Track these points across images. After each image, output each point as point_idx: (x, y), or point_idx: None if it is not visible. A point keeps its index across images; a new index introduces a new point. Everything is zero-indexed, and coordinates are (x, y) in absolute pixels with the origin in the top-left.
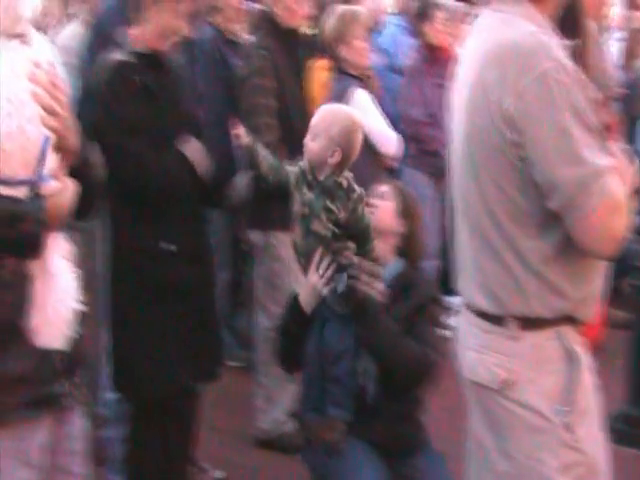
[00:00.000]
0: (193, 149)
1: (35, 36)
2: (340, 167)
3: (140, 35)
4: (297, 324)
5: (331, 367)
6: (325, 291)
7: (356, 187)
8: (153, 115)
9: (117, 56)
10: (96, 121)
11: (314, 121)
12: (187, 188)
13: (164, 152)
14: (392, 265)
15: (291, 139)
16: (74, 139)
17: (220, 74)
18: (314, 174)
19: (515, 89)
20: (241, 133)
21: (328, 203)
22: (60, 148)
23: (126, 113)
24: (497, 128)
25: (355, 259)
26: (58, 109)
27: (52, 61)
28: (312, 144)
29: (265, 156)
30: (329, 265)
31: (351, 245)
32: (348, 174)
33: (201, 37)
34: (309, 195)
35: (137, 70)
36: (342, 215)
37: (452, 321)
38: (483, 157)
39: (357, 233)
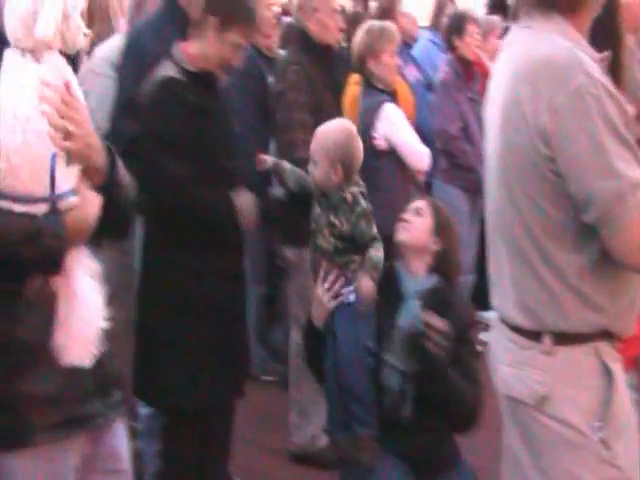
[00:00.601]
0: (244, 200)
1: (51, 54)
2: (347, 178)
3: (197, 54)
4: (311, 339)
5: (348, 384)
6: (332, 304)
7: (362, 201)
8: (204, 137)
9: (169, 72)
10: (139, 138)
11: (312, 148)
12: (227, 229)
13: (212, 187)
14: (427, 280)
15: None
16: (97, 158)
17: (255, 89)
18: (322, 191)
19: (550, 104)
20: (263, 160)
21: (332, 218)
22: (81, 165)
23: (175, 132)
24: (532, 143)
25: (425, 316)
26: (72, 128)
27: (68, 80)
28: (315, 171)
29: (291, 171)
30: (335, 279)
31: (356, 259)
32: (356, 188)
33: None
34: (316, 210)
35: (190, 89)
36: (345, 228)
37: (484, 336)
38: (518, 172)
39: (362, 246)
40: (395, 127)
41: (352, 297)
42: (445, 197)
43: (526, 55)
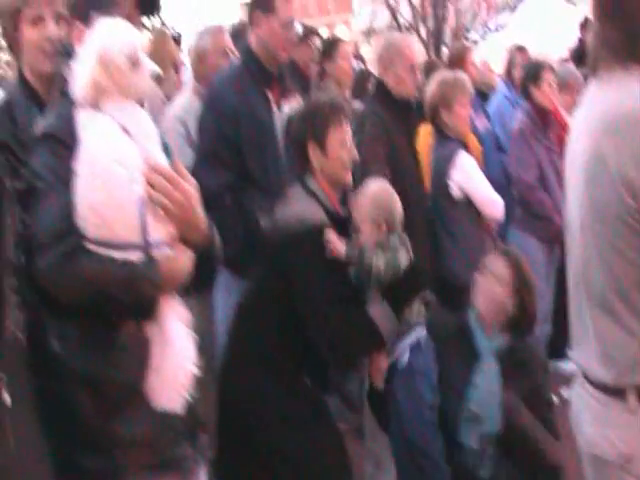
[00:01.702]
0: (378, 312)
1: (118, 104)
2: (391, 229)
3: (320, 173)
4: (373, 399)
5: (413, 438)
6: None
7: (397, 245)
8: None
9: (314, 218)
10: (222, 191)
11: (353, 218)
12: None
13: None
14: (503, 339)
15: (403, 204)
16: (199, 231)
17: None
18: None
19: (635, 157)
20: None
21: (374, 260)
22: (181, 234)
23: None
24: (617, 196)
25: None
26: (172, 207)
27: (177, 161)
28: (361, 237)
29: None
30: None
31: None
32: (395, 237)
33: None
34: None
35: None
36: (382, 270)
37: (565, 392)
38: (604, 226)
39: (399, 284)
40: (469, 175)
41: (406, 357)
42: (521, 247)
43: (608, 110)
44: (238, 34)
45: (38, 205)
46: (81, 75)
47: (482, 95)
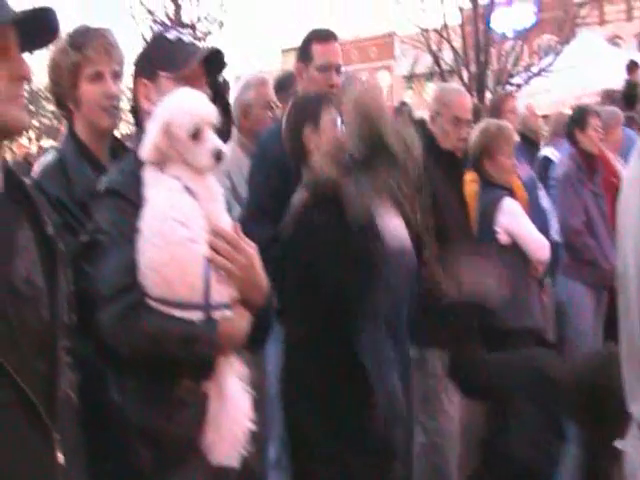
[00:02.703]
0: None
1: (182, 168)
2: None
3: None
4: None
5: None
6: None
7: None
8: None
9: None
10: (272, 244)
11: None
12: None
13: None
14: None
15: (450, 252)
16: (260, 292)
17: None
18: None
19: None
20: None
21: None
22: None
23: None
24: None
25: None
26: (234, 269)
27: (236, 224)
28: None
29: None
30: None
31: None
32: None
33: None
34: None
35: None
36: None
37: (620, 444)
38: None
39: None
40: (516, 219)
41: None
42: (568, 293)
43: None
44: (282, 85)
45: (101, 259)
46: (148, 139)
47: (529, 141)
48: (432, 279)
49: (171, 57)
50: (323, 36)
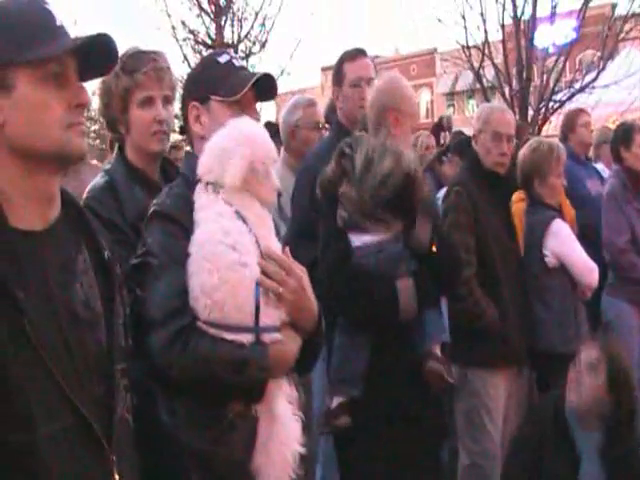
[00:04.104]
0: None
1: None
2: None
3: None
4: None
5: None
6: None
7: None
8: None
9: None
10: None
11: None
12: None
13: None
14: (602, 437)
15: (491, 274)
16: (310, 316)
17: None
18: None
19: None
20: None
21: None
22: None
23: None
24: None
25: None
26: (284, 292)
27: (287, 249)
28: None
29: None
30: None
31: None
32: None
33: None
34: None
35: None
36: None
37: None
38: None
39: None
40: (565, 242)
41: None
42: (614, 312)
43: None
44: (333, 108)
45: (151, 282)
46: (233, 171)
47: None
48: (471, 298)
49: (224, 81)
50: (352, 54)
